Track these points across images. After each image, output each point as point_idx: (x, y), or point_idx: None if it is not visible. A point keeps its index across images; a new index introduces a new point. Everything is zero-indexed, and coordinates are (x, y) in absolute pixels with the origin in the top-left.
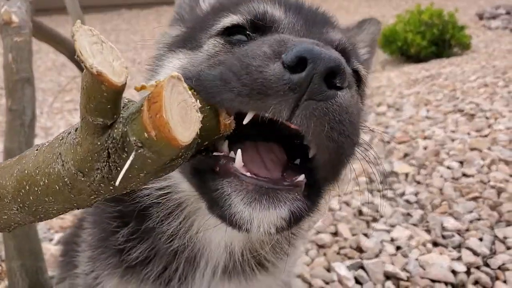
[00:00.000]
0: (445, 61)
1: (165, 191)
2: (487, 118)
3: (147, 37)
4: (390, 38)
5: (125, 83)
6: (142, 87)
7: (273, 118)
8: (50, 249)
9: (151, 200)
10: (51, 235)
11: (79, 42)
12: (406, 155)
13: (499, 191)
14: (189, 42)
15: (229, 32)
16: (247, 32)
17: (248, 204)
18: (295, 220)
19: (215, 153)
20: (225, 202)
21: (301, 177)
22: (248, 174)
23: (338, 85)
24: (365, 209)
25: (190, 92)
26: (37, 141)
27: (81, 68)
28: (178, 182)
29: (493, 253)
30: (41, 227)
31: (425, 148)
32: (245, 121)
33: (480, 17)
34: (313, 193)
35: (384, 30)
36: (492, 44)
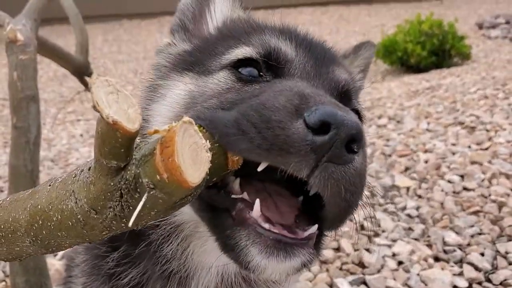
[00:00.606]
0: (445, 71)
1: None
2: (487, 131)
3: (148, 48)
4: (390, 48)
5: (139, 129)
6: (155, 131)
7: (292, 174)
8: (55, 265)
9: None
10: None
11: (96, 93)
12: (407, 168)
13: (500, 205)
14: (196, 66)
15: (240, 64)
16: (259, 69)
17: (265, 257)
18: (304, 266)
19: (233, 196)
20: (242, 251)
21: (314, 228)
22: (267, 226)
23: (355, 150)
24: (367, 224)
25: (200, 134)
26: (40, 153)
27: (83, 82)
28: None
29: (495, 268)
30: None
31: (426, 161)
32: (259, 169)
33: (480, 26)
34: (319, 240)
35: (384, 40)
36: (492, 53)
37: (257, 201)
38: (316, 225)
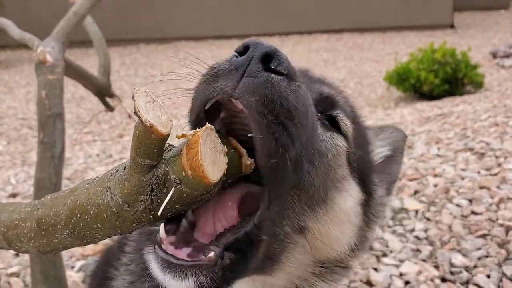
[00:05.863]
0: (458, 98)
1: None
2: (496, 157)
3: (165, 71)
4: (403, 75)
5: (170, 133)
6: (183, 135)
7: (220, 94)
8: (72, 276)
9: None
10: (72, 263)
11: (137, 101)
12: (416, 192)
13: (507, 229)
14: None
15: None
16: None
17: (161, 273)
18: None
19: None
20: (149, 264)
21: (211, 254)
22: (162, 246)
23: (272, 67)
24: (375, 245)
25: (219, 139)
26: None
27: (105, 103)
28: None
29: None
30: (63, 254)
31: (435, 185)
32: (206, 107)
33: (494, 55)
34: (238, 263)
35: (397, 68)
36: (505, 82)
37: (162, 225)
38: (213, 252)
